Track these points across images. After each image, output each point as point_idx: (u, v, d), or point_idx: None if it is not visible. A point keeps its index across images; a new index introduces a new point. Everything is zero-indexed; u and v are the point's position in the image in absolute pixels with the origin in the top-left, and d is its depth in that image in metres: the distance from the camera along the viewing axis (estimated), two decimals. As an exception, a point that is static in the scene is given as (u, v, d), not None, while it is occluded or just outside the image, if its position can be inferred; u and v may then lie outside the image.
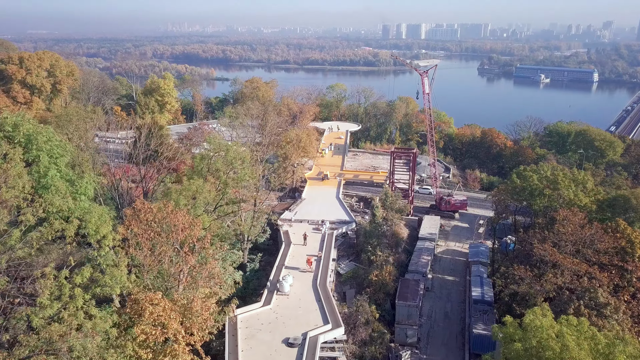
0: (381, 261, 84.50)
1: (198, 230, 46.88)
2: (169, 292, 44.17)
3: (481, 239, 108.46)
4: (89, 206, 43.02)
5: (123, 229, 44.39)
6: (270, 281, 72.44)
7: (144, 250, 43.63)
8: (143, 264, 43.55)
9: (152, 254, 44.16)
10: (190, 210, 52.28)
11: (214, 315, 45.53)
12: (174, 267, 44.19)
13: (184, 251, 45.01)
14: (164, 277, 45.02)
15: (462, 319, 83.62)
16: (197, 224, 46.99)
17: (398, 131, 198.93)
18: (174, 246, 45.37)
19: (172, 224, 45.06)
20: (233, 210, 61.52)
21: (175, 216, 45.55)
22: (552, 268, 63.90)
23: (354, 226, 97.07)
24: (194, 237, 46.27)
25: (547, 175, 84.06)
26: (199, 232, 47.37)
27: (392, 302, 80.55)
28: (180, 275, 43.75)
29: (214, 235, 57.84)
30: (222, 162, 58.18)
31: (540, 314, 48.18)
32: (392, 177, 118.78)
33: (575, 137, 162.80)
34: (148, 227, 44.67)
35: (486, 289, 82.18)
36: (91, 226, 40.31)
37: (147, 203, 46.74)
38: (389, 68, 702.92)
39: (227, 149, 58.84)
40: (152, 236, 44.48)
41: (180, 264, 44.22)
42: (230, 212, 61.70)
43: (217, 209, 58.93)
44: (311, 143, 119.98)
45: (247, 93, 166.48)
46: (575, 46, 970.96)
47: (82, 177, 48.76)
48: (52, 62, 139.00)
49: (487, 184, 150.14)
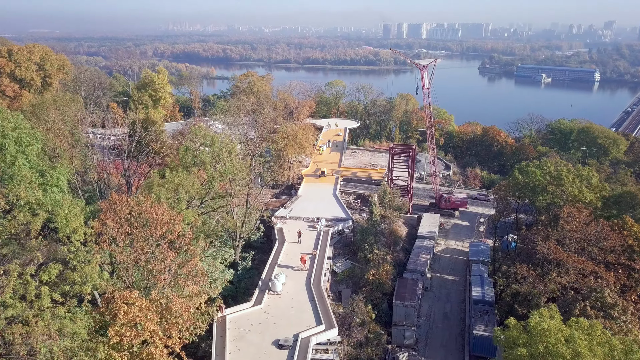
0: (378, 260, 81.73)
1: (179, 225, 43.95)
2: (147, 291, 41.31)
3: (482, 238, 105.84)
4: (59, 198, 40.05)
5: (97, 223, 41.51)
6: (262, 280, 69.68)
7: (119, 246, 40.74)
8: (119, 260, 40.61)
9: (128, 250, 41.27)
10: (172, 205, 49.39)
11: (196, 316, 42.58)
12: (151, 264, 41.27)
13: (162, 247, 42.13)
14: (141, 274, 42.14)
15: (461, 320, 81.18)
16: (178, 218, 44.06)
17: (398, 129, 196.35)
18: (152, 242, 42.43)
19: (151, 218, 42.13)
20: (221, 205, 58.39)
21: (154, 210, 42.62)
22: (556, 267, 61.00)
23: (351, 224, 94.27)
24: (175, 232, 43.37)
25: (551, 171, 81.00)
26: (180, 227, 44.42)
27: (389, 302, 78.06)
28: (159, 273, 40.84)
29: (200, 232, 54.99)
30: (207, 154, 54.87)
31: (548, 316, 44.69)
32: (390, 174, 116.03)
33: (577, 135, 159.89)
34: (125, 222, 41.78)
35: (487, 289, 79.70)
36: (60, 219, 37.46)
37: (125, 196, 43.79)
38: (390, 67, 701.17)
39: (213, 140, 55.45)
40: (128, 231, 41.59)
41: (158, 261, 41.30)
42: (217, 208, 58.58)
43: (203, 203, 55.80)
44: (307, 139, 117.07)
45: (242, 87, 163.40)
46: (576, 46, 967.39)
47: (54, 168, 45.79)
48: (42, 56, 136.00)
49: (488, 182, 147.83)
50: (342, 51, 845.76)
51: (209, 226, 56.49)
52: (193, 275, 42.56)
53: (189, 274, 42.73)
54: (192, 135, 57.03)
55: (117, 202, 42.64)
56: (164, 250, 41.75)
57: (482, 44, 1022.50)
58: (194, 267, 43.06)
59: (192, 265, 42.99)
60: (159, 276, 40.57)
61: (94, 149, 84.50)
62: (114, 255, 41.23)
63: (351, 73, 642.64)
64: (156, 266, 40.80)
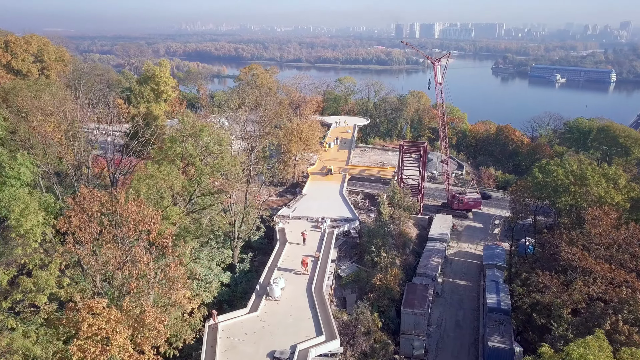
0: (386, 263, 76.43)
1: (156, 224, 38.80)
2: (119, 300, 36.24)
3: (497, 240, 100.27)
4: (15, 193, 35.14)
5: (61, 222, 36.49)
6: (260, 284, 64.76)
7: (86, 248, 35.74)
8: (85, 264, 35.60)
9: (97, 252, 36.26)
10: (154, 201, 44.35)
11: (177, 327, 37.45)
12: (123, 269, 36.19)
13: (136, 250, 37.08)
14: (111, 281, 37.11)
15: (475, 329, 76.24)
16: (156, 217, 38.92)
17: (409, 127, 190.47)
18: (126, 243, 37.37)
19: (124, 216, 37.11)
20: (212, 203, 53.19)
21: (129, 207, 37.56)
22: (582, 275, 55.18)
23: (358, 224, 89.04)
24: (153, 232, 38.27)
25: (574, 170, 74.91)
26: (158, 227, 39.23)
27: (397, 309, 73.16)
28: (131, 280, 35.73)
29: (187, 232, 49.94)
30: (193, 145, 49.44)
31: (597, 347, 36.62)
32: (400, 173, 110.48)
33: (597, 134, 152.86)
34: (94, 220, 36.79)
35: (502, 296, 74.47)
36: (14, 216, 32.59)
37: (95, 191, 38.79)
38: (402, 67, 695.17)
39: (201, 130, 50.07)
40: (97, 230, 36.59)
41: (130, 266, 36.25)
42: (208, 206, 53.37)
43: (192, 201, 50.69)
44: (313, 135, 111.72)
45: (245, 80, 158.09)
46: (591, 46, 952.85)
47: (15, 159, 40.86)
48: (39, 47, 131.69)
49: (503, 182, 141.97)
50: (354, 50, 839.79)
51: (198, 226, 51.29)
52: (173, 281, 37.35)
53: (169, 280, 37.51)
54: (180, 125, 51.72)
55: (85, 197, 37.71)
56: (137, 253, 36.66)
57: (495, 44, 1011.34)
58: (175, 272, 37.84)
59: (173, 270, 37.81)
60: (132, 283, 35.47)
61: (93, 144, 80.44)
62: (74, 257, 36.20)
63: (363, 72, 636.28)
64: (127, 271, 35.70)
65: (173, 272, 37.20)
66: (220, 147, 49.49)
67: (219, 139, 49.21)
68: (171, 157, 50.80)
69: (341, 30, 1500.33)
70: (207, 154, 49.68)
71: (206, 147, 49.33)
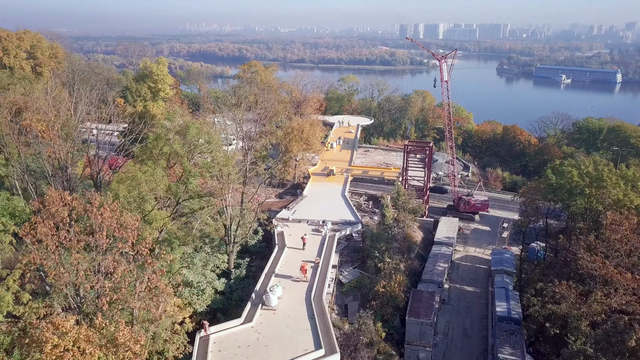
0: (390, 269, 72.53)
1: (132, 231, 34.87)
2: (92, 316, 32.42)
3: (505, 245, 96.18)
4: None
5: (24, 229, 32.61)
6: (256, 292, 60.92)
7: (52, 258, 31.84)
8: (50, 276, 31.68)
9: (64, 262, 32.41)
10: (136, 205, 40.44)
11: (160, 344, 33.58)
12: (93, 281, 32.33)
13: (108, 260, 33.17)
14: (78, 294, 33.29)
15: (483, 338, 72.57)
16: (133, 223, 34.98)
17: (413, 127, 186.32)
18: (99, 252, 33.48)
19: (97, 222, 33.26)
20: (202, 206, 49.25)
21: (102, 212, 33.63)
22: (602, 285, 51.09)
23: (360, 228, 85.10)
24: (129, 240, 34.34)
25: (589, 171, 70.72)
26: (136, 233, 35.29)
27: (401, 317, 69.31)
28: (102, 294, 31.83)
29: (174, 237, 46.07)
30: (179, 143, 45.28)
31: None
32: (405, 174, 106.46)
33: (607, 134, 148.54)
34: (63, 226, 32.96)
35: (513, 304, 70.77)
36: (-33, 222, 28.99)
37: (66, 193, 34.90)
38: (406, 67, 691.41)
39: (189, 127, 46.00)
40: (66, 238, 32.71)
41: (100, 277, 32.39)
42: (198, 209, 49.37)
43: (179, 204, 46.74)
44: (315, 135, 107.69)
45: (244, 78, 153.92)
46: (596, 47, 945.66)
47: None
48: (33, 43, 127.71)
49: (510, 183, 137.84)
50: (358, 51, 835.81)
51: (187, 231, 47.31)
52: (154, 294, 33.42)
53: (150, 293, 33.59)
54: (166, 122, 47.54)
55: (54, 201, 33.84)
56: (110, 263, 32.79)
57: (499, 45, 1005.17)
58: (157, 284, 33.93)
59: (155, 281, 33.93)
60: (103, 298, 31.62)
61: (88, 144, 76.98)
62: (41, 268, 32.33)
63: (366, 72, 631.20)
64: (99, 284, 31.85)
65: (154, 284, 33.35)
66: (210, 146, 45.38)
67: (209, 137, 45.10)
68: (155, 157, 46.83)
69: (345, 31, 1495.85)
70: (196, 153, 45.64)
71: (194, 145, 45.22)
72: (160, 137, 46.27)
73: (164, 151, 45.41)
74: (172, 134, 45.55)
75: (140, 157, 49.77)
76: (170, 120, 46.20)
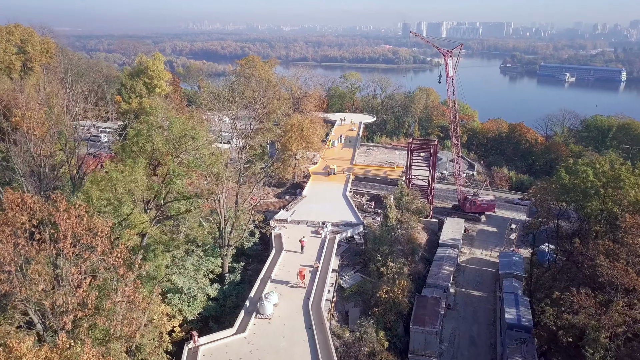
0: (393, 273, 68.69)
1: (103, 238, 30.90)
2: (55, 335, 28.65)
3: (513, 247, 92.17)
4: None
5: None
6: (250, 299, 57.26)
7: (9, 269, 27.93)
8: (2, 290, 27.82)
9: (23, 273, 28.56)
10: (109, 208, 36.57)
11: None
12: (54, 296, 28.51)
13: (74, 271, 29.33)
14: (37, 310, 29.53)
15: (491, 346, 68.75)
16: (102, 228, 31.01)
17: (417, 124, 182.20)
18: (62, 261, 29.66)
19: (62, 227, 29.45)
20: (188, 208, 45.35)
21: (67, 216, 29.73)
22: (624, 294, 47.15)
23: (362, 229, 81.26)
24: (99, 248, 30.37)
25: (605, 170, 66.70)
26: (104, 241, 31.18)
27: (405, 325, 65.45)
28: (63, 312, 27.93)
29: (157, 243, 42.28)
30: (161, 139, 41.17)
31: None
32: (409, 173, 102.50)
33: (617, 132, 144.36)
34: (21, 233, 29.14)
35: (523, 310, 66.92)
36: None
37: (27, 195, 30.98)
38: (409, 66, 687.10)
39: (172, 121, 41.93)
40: (24, 246, 28.87)
41: (61, 293, 28.54)
42: (183, 212, 45.47)
43: (163, 206, 42.89)
44: (315, 132, 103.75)
45: (242, 73, 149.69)
46: (601, 45, 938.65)
47: None
48: (23, 37, 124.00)
49: (517, 183, 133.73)
50: (361, 49, 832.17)
51: (171, 235, 43.48)
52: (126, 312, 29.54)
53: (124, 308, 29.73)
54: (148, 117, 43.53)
55: (12, 204, 29.96)
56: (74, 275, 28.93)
57: (503, 43, 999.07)
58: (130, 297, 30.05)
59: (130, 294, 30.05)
60: (65, 317, 27.75)
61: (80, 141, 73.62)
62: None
63: (369, 71, 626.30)
64: (59, 299, 28.04)
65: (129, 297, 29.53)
66: (195, 142, 41.47)
67: (194, 132, 41.20)
68: (135, 154, 42.85)
69: (348, 30, 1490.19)
70: (180, 150, 41.79)
71: (179, 142, 41.29)
72: (141, 133, 42.39)
73: (146, 148, 41.68)
74: (154, 129, 41.67)
75: (119, 155, 46.06)
76: (153, 114, 42.27)
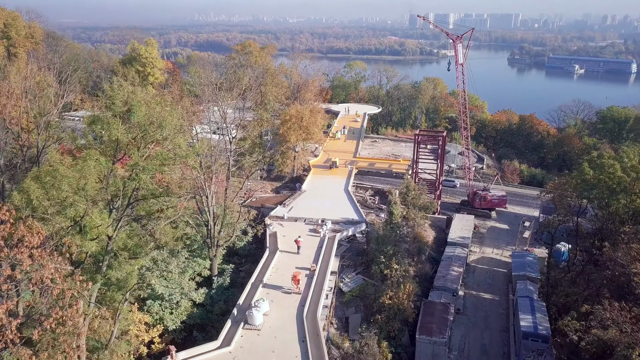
0: (398, 277, 63.06)
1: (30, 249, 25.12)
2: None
3: (527, 246, 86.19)
4: None
5: None
6: (239, 306, 51.62)
7: None
8: None
9: None
10: (54, 209, 30.90)
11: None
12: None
13: None
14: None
15: (504, 356, 63.27)
16: (32, 238, 25.28)
17: (424, 116, 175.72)
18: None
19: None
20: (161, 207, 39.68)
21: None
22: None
23: (365, 227, 75.40)
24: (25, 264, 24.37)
25: (634, 165, 60.45)
26: (36, 252, 25.47)
27: (411, 333, 59.72)
28: None
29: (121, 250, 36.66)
30: (124, 128, 35.13)
31: None
32: (415, 167, 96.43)
33: (634, 124, 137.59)
34: None
35: (539, 317, 61.21)
36: None
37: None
38: (416, 57, 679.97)
39: (136, 107, 35.92)
40: None
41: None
42: (155, 212, 39.71)
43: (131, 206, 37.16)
44: (316, 123, 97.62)
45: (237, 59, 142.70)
46: (610, 37, 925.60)
47: None
48: (7, 21, 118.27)
49: (529, 177, 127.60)
50: (367, 41, 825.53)
51: (137, 240, 37.80)
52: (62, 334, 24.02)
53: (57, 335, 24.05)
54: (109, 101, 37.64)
55: None
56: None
57: (511, 35, 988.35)
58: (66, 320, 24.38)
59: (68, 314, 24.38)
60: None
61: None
62: None
63: (375, 62, 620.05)
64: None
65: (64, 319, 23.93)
66: (163, 131, 35.60)
67: (161, 120, 35.30)
68: (90, 146, 36.99)
69: (354, 21, 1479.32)
70: (147, 141, 36.00)
71: (144, 131, 35.43)
72: (98, 121, 36.48)
73: (108, 138, 35.91)
74: (111, 115, 35.59)
75: (76, 144, 40.50)
76: (115, 96, 36.45)
